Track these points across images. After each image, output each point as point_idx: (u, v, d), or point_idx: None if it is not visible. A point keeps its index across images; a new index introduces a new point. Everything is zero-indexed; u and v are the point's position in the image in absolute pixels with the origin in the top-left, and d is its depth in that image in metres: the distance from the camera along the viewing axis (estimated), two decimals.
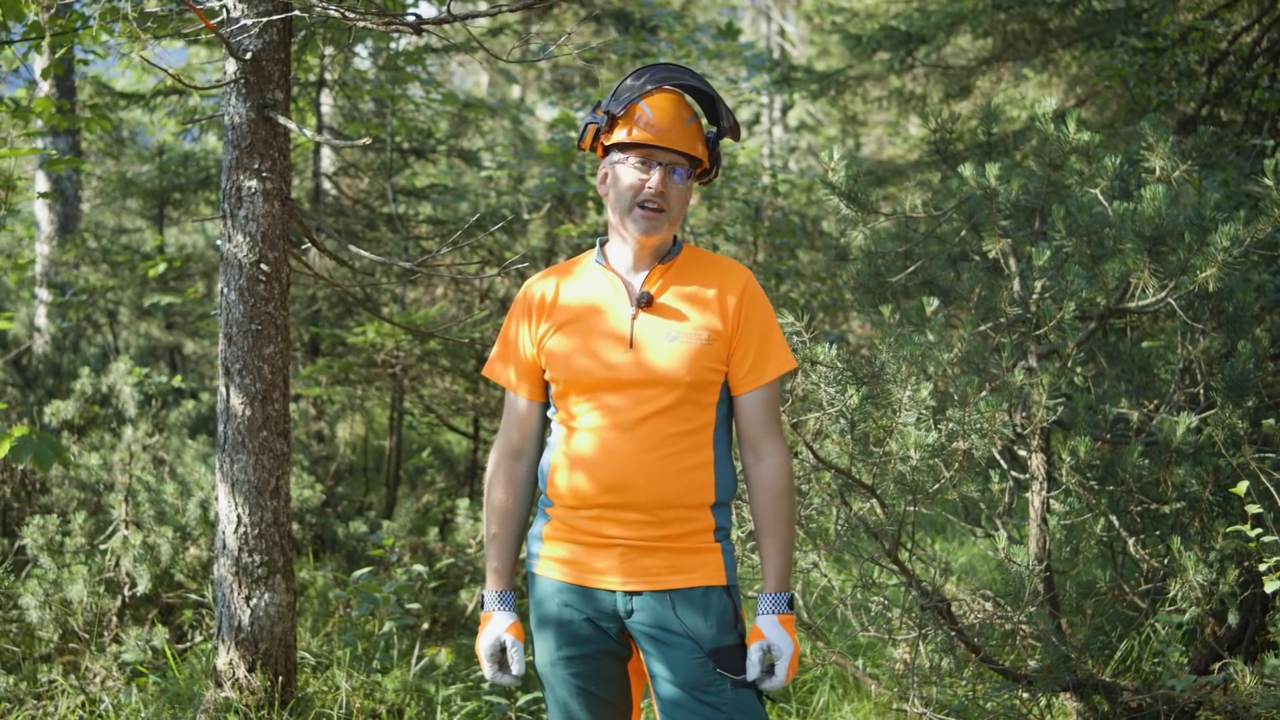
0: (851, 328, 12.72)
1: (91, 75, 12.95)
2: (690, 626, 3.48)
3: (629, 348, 3.52)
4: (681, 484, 3.50)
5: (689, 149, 3.57)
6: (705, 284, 3.61)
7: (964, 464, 4.94)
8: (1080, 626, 5.21)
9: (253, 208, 5.21)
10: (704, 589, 3.52)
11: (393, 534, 7.67)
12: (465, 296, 11.86)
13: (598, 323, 3.57)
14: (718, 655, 3.48)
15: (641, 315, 3.55)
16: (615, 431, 3.49)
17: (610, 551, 3.52)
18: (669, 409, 3.49)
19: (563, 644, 3.59)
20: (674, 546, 3.52)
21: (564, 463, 3.57)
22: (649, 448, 3.47)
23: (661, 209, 3.54)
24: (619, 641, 3.60)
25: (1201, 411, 5.12)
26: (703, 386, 3.53)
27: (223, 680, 5.33)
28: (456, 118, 12.38)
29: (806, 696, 6.17)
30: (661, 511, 3.49)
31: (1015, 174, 5.49)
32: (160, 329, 12.87)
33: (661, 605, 3.50)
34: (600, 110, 3.64)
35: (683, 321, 3.54)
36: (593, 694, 3.62)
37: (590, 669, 3.60)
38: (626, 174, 3.57)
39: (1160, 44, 9.66)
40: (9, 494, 7.69)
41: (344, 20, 4.90)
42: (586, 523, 3.54)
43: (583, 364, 3.54)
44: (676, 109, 3.59)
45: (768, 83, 14.44)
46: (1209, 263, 4.79)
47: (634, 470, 3.46)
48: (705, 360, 3.51)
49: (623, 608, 3.53)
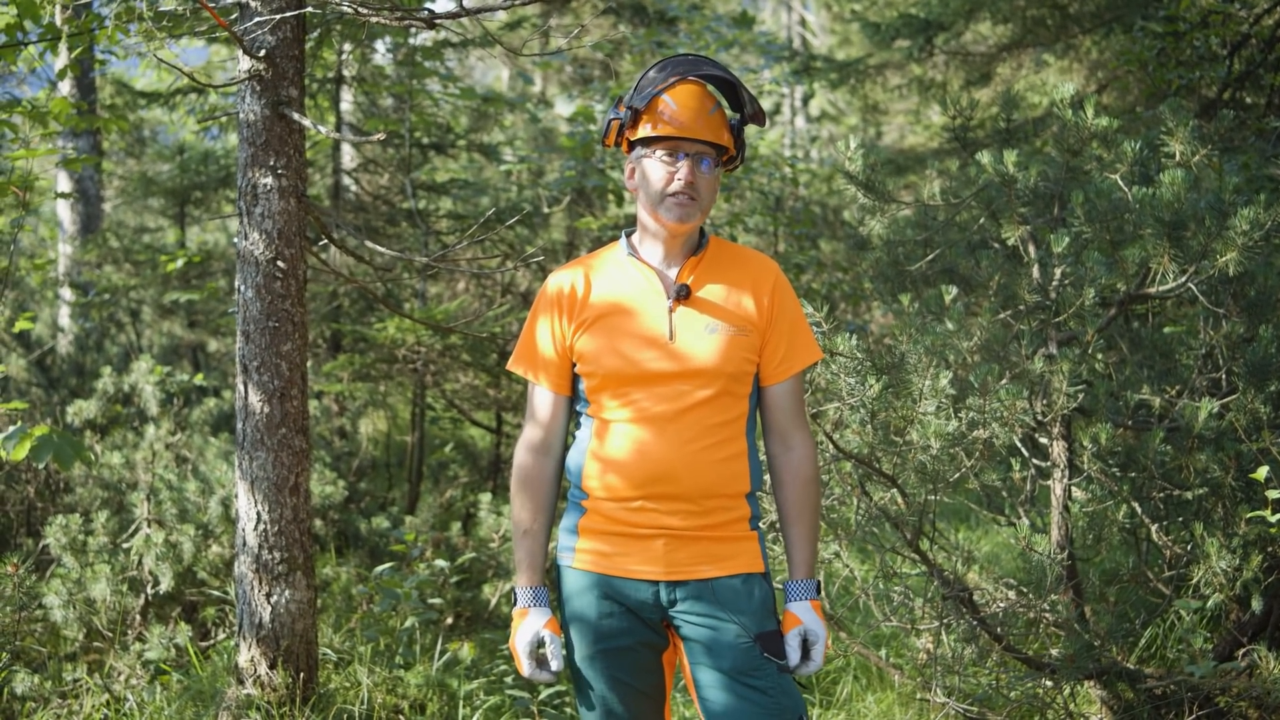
0: (874, 317, 12.69)
1: (111, 75, 13.00)
2: (735, 613, 3.51)
3: (669, 340, 3.53)
4: (721, 473, 3.52)
5: (715, 138, 3.58)
6: (737, 276, 3.64)
7: (985, 452, 4.92)
8: (1104, 614, 5.19)
9: (268, 205, 5.21)
10: (745, 576, 3.56)
11: (415, 529, 7.67)
12: (486, 291, 11.86)
13: (635, 316, 3.58)
14: (763, 640, 3.51)
15: (680, 308, 3.57)
16: (657, 423, 3.50)
17: (652, 543, 3.53)
18: (709, 400, 3.52)
19: (601, 637, 3.59)
20: (715, 535, 3.54)
21: (600, 456, 3.57)
22: (691, 439, 3.49)
23: (693, 198, 3.55)
24: (658, 632, 3.61)
25: (1223, 397, 5.09)
26: (740, 378, 3.56)
27: (244, 677, 5.34)
28: (476, 112, 12.37)
29: (830, 687, 6.15)
30: (704, 501, 3.51)
31: (1034, 160, 5.46)
32: (183, 327, 12.90)
33: (706, 593, 3.52)
34: (623, 106, 3.65)
35: (719, 314, 3.57)
36: (632, 686, 3.63)
37: (629, 661, 3.61)
38: (655, 168, 3.58)
39: (1181, 28, 9.59)
40: (33, 494, 7.72)
41: (358, 16, 4.89)
42: (627, 514, 3.54)
43: (623, 358, 3.54)
44: (700, 100, 3.59)
45: (787, 73, 14.41)
46: (1229, 247, 4.75)
47: (677, 461, 3.48)
48: (742, 351, 3.55)
49: (665, 598, 3.54)
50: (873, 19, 13.14)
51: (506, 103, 12.41)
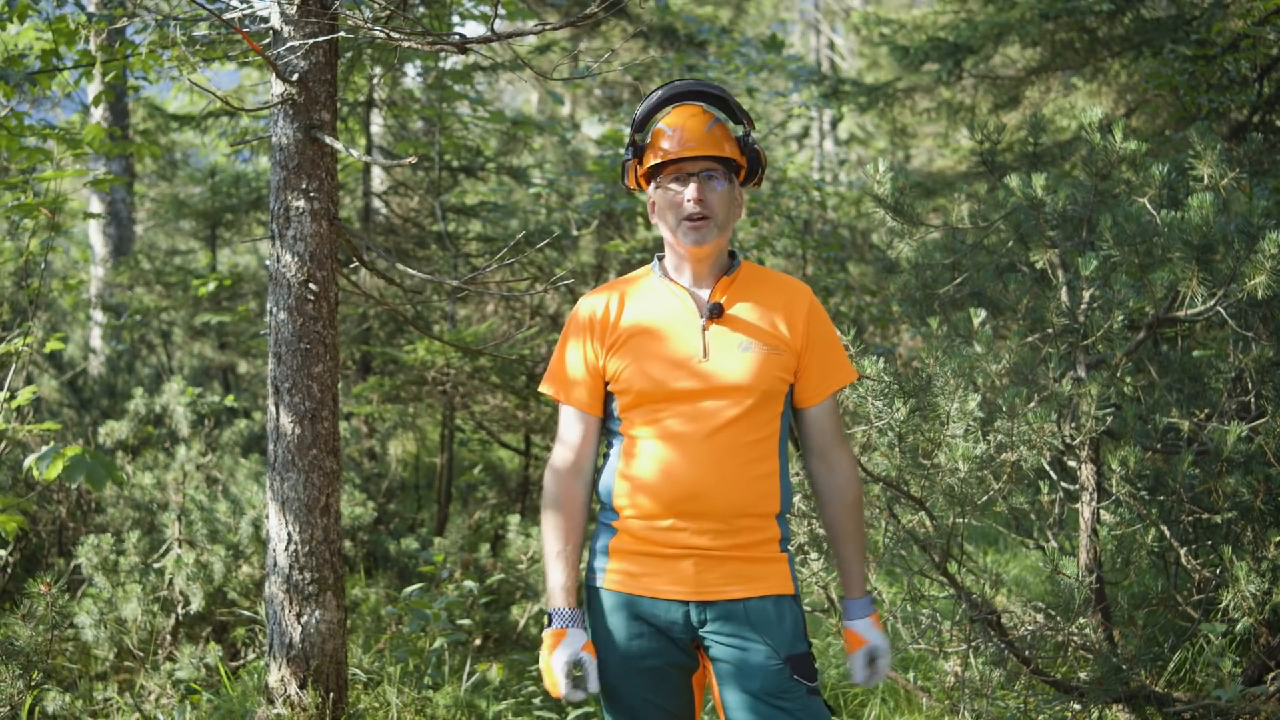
0: (902, 340, 12.68)
1: (144, 98, 13.08)
2: (765, 634, 3.51)
3: (703, 358, 3.54)
4: (753, 492, 3.53)
5: (717, 151, 3.60)
6: (770, 297, 3.66)
7: (1013, 475, 4.92)
8: (1132, 638, 5.17)
9: (300, 228, 5.25)
10: (776, 597, 3.56)
11: (444, 550, 7.70)
12: (515, 313, 11.89)
13: (669, 335, 3.59)
14: (793, 662, 3.51)
15: (713, 326, 3.59)
16: (689, 442, 3.51)
17: (682, 563, 3.53)
18: (741, 418, 3.52)
19: (631, 658, 3.59)
20: (745, 556, 3.55)
21: (633, 475, 3.58)
22: (723, 457, 3.50)
23: (706, 216, 3.57)
24: (688, 653, 3.61)
25: (1252, 420, 5.08)
26: (773, 396, 3.57)
27: (274, 697, 5.36)
28: (505, 135, 12.43)
29: (858, 710, 6.15)
30: (735, 520, 3.52)
31: (1063, 184, 5.46)
32: (214, 349, 12.97)
33: (737, 614, 3.52)
34: (630, 145, 3.70)
35: (753, 332, 3.58)
36: (661, 707, 3.63)
37: (660, 681, 3.61)
38: (666, 195, 3.62)
39: (1210, 51, 9.59)
40: (64, 514, 7.77)
41: (390, 41, 4.93)
42: (658, 534, 3.55)
43: (657, 376, 3.55)
44: (696, 118, 3.63)
45: (816, 96, 14.43)
46: (1258, 270, 4.75)
47: (709, 479, 3.49)
48: (776, 370, 3.56)
49: (696, 618, 3.54)
50: (901, 42, 13.14)
51: (536, 126, 12.45)
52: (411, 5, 8.03)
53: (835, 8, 27.81)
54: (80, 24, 6.57)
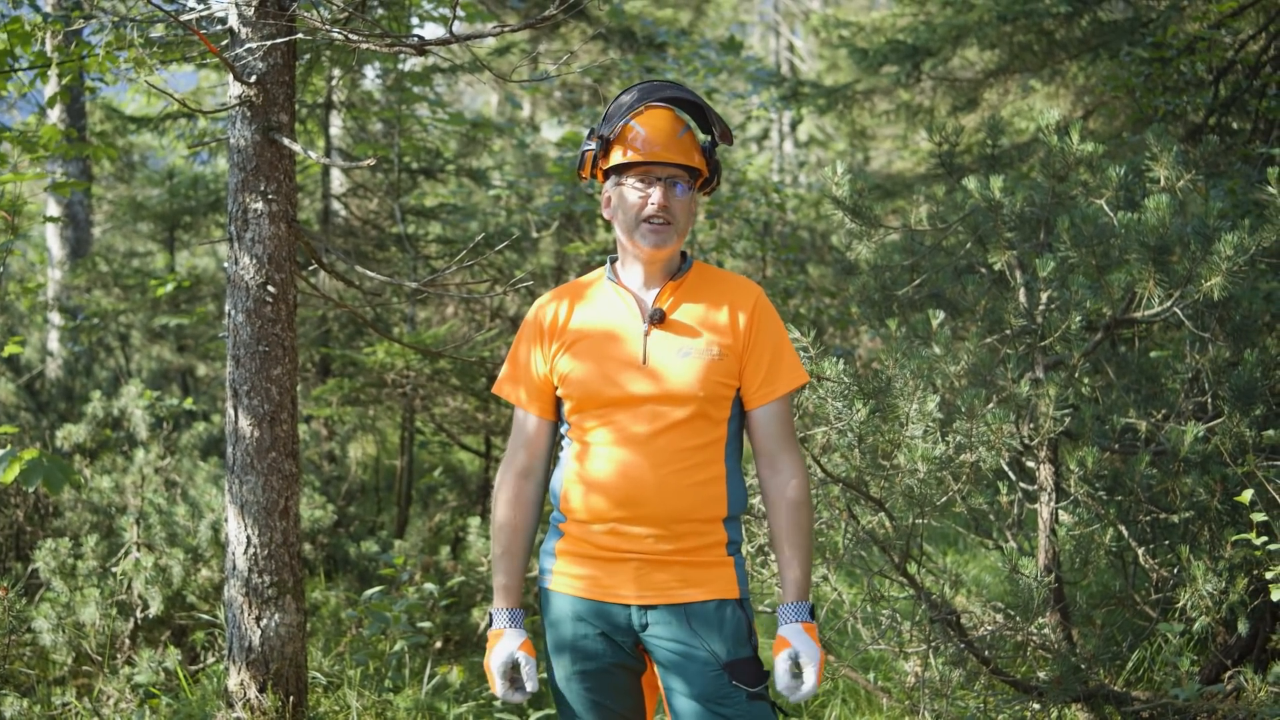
0: (861, 342, 12.72)
1: (101, 100, 13.00)
2: (705, 639, 3.50)
3: (643, 364, 3.54)
4: (694, 498, 3.52)
5: (685, 160, 3.60)
6: (716, 300, 3.64)
7: (972, 476, 4.94)
8: (1090, 637, 5.20)
9: (259, 230, 5.23)
10: (718, 602, 3.54)
11: (404, 553, 7.68)
12: (475, 315, 11.87)
13: (611, 340, 3.59)
14: (733, 668, 3.49)
15: (654, 332, 3.58)
16: (629, 447, 3.51)
17: (624, 566, 3.54)
18: (682, 424, 3.51)
19: (577, 659, 3.61)
20: (687, 560, 3.54)
21: (578, 479, 3.59)
22: (662, 462, 3.49)
23: (668, 222, 3.57)
24: (633, 655, 3.61)
25: (1209, 420, 5.12)
26: (715, 401, 3.55)
27: (234, 701, 5.34)
28: (465, 137, 12.41)
29: (818, 710, 6.16)
30: (674, 525, 3.51)
31: (1020, 186, 5.49)
32: (172, 352, 12.91)
33: (676, 619, 3.51)
34: (594, 136, 3.68)
35: (695, 337, 3.56)
36: (607, 708, 3.64)
37: (604, 683, 3.62)
38: (628, 194, 3.61)
39: (1167, 54, 9.65)
40: (21, 518, 7.72)
41: (348, 43, 4.91)
42: (600, 538, 3.55)
43: (597, 381, 3.55)
44: (669, 123, 3.62)
45: (775, 98, 14.45)
46: (1213, 271, 4.78)
47: (648, 485, 3.48)
48: (717, 375, 3.54)
49: (637, 621, 3.54)
50: (860, 45, 13.15)
51: (495, 128, 12.44)
52: (370, 7, 8.01)
53: (794, 10, 27.90)
54: (36, 25, 6.52)
